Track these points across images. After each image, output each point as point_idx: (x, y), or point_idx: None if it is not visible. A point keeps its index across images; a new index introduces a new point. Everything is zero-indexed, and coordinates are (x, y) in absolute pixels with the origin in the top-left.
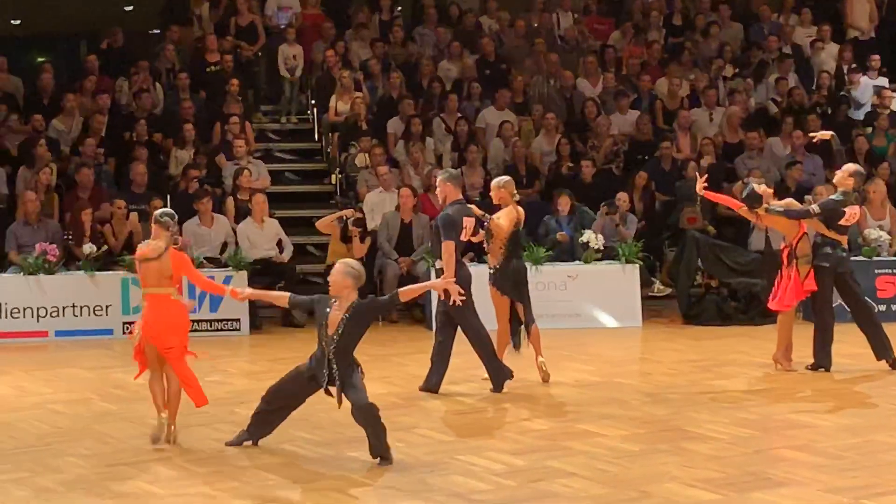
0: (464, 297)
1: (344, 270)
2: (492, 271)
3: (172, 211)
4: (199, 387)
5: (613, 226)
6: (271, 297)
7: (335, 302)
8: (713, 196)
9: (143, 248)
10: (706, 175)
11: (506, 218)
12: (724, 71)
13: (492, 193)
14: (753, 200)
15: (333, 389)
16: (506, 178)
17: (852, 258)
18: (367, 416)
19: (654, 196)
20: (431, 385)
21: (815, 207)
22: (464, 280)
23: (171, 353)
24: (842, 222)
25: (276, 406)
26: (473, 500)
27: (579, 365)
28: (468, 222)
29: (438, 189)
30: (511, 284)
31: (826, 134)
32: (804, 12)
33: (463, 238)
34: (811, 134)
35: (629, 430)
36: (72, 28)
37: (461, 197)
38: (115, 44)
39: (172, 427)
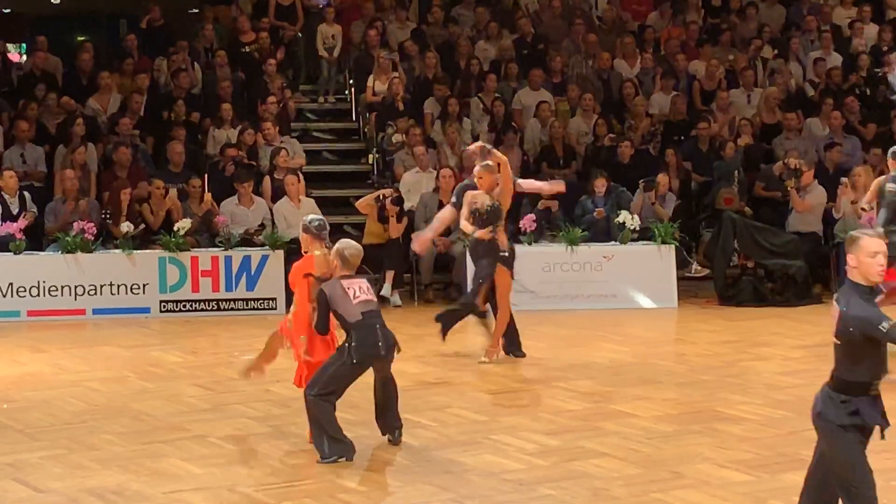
0: None
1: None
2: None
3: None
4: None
5: (650, 204)
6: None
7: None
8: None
9: (309, 267)
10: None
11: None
12: (763, 52)
13: None
14: None
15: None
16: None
17: None
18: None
19: (689, 175)
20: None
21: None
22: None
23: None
24: None
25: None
26: (506, 480)
27: (614, 345)
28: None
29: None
30: None
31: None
32: None
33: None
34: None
35: (662, 410)
36: (111, 7)
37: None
38: (154, 23)
39: None
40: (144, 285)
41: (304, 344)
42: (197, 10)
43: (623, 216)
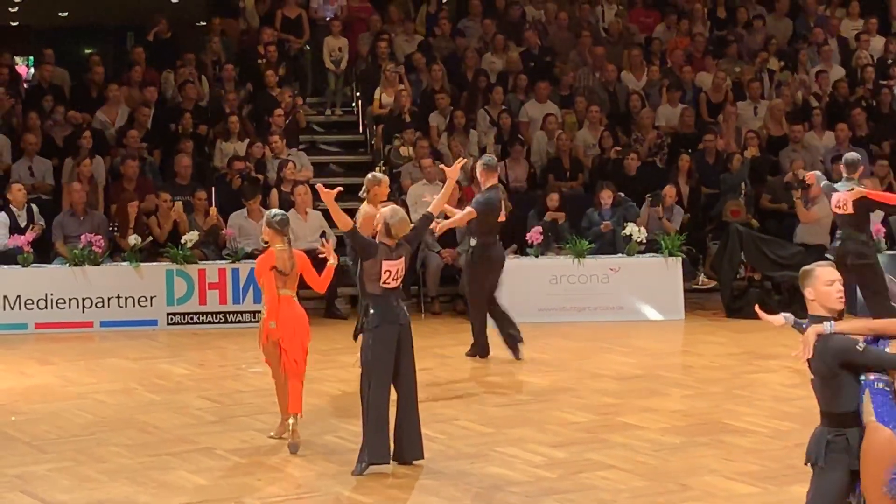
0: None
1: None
2: None
3: (283, 212)
4: (300, 395)
5: (657, 218)
6: (337, 215)
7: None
8: None
9: (272, 261)
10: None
11: None
12: (769, 64)
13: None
14: None
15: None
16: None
17: None
18: None
19: (699, 185)
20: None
21: None
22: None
23: (293, 355)
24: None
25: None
26: (512, 492)
27: (621, 357)
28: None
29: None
30: None
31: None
32: (853, 5)
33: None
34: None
35: (669, 422)
36: (118, 20)
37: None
38: (161, 36)
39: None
40: (152, 298)
41: (274, 330)
42: (204, 23)
43: (630, 228)
